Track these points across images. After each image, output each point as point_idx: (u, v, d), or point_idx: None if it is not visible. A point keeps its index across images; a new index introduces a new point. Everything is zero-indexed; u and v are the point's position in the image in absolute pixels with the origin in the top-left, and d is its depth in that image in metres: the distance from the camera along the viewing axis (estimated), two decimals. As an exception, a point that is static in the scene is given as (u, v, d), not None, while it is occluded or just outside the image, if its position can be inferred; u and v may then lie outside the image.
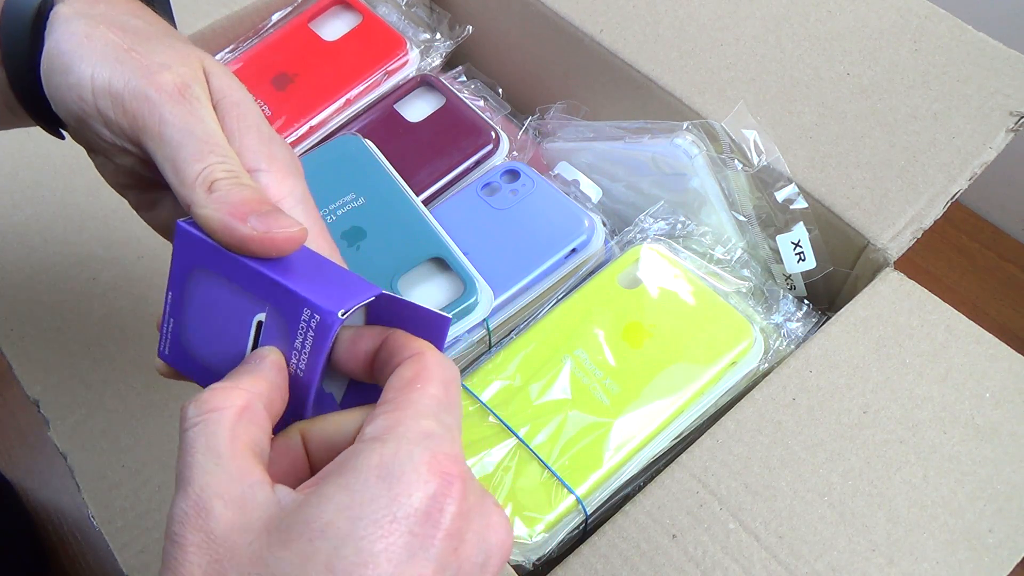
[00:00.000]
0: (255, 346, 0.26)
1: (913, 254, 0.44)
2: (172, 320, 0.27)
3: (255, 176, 0.26)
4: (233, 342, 0.26)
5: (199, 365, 0.27)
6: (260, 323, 0.25)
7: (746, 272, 0.46)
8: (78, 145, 0.30)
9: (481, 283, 0.43)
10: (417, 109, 0.54)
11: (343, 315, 0.24)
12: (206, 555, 0.20)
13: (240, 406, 0.23)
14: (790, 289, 0.48)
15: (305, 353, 0.25)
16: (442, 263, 0.44)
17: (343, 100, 0.54)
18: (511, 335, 0.44)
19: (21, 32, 0.28)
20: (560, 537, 0.38)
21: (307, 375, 0.25)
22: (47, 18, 0.27)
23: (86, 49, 0.26)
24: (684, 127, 0.47)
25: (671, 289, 0.44)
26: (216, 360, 0.27)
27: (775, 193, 0.46)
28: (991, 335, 0.41)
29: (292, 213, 0.26)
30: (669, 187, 0.49)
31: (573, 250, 0.45)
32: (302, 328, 0.24)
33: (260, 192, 0.26)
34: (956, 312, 0.41)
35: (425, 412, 0.23)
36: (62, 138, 0.32)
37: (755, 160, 0.46)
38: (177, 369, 0.28)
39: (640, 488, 0.38)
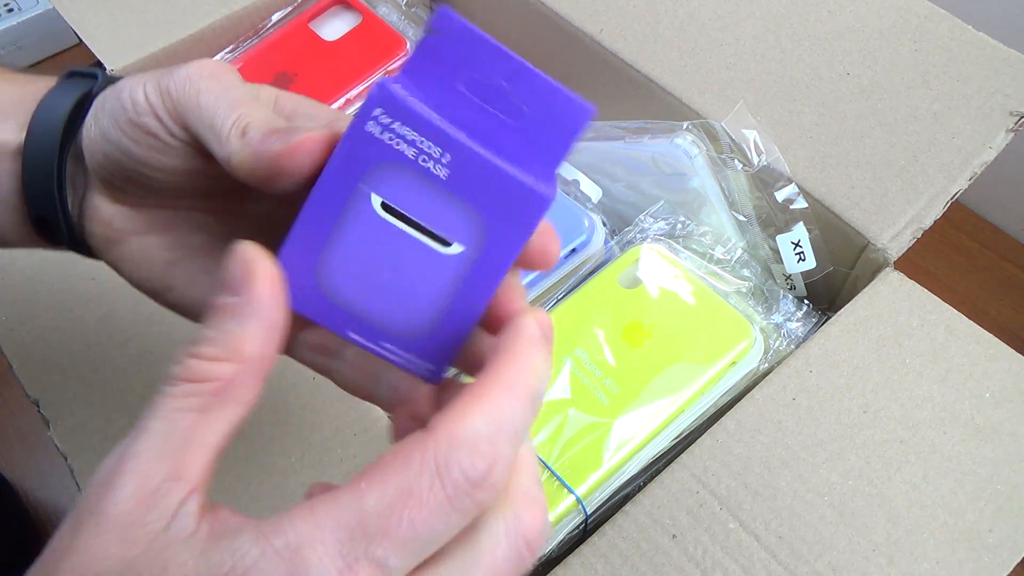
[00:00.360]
0: (413, 225, 0.22)
1: (913, 254, 0.44)
2: (356, 336, 0.23)
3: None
4: (391, 252, 0.22)
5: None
6: (384, 204, 0.21)
7: (746, 272, 0.46)
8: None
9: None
10: (417, 109, 0.54)
11: (392, 86, 0.20)
12: (86, 535, 0.17)
13: (222, 382, 0.19)
14: (790, 289, 0.48)
15: (425, 145, 0.21)
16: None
17: (343, 100, 0.54)
18: (511, 335, 0.44)
19: (51, 136, 0.27)
20: (560, 537, 0.38)
21: (456, 155, 0.21)
22: (90, 105, 0.27)
23: (137, 76, 0.26)
24: (684, 127, 0.47)
25: (671, 289, 0.44)
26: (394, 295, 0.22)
27: (775, 193, 0.46)
28: (991, 335, 0.41)
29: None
30: (669, 187, 0.49)
31: (573, 250, 0.45)
32: (392, 138, 0.21)
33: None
34: (956, 312, 0.41)
35: (334, 536, 0.17)
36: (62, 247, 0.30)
37: (755, 160, 0.46)
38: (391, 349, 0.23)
39: (640, 488, 0.38)
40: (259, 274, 0.20)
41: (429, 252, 0.22)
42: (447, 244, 0.22)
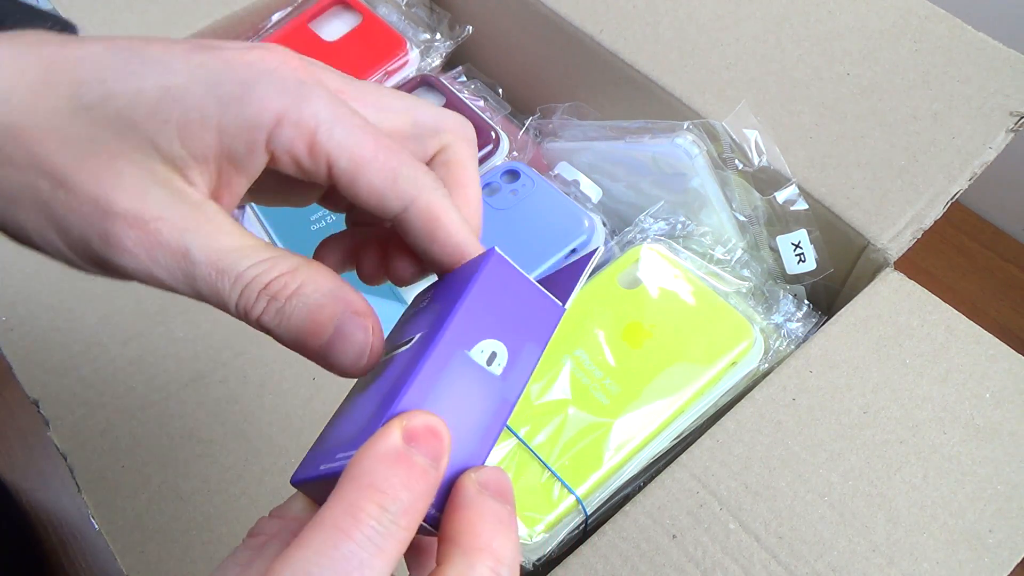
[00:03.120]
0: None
1: (913, 254, 0.44)
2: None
3: None
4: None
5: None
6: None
7: (746, 272, 0.46)
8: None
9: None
10: (417, 109, 0.54)
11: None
12: None
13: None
14: (792, 294, 0.48)
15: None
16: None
17: (343, 100, 0.54)
18: (511, 335, 0.44)
19: None
20: (560, 537, 0.38)
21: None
22: None
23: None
24: (684, 127, 0.47)
25: (671, 289, 0.44)
26: None
27: (775, 194, 0.46)
28: (991, 335, 0.41)
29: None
30: (669, 187, 0.49)
31: (573, 250, 0.45)
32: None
33: None
34: (956, 312, 0.41)
35: None
36: None
37: (755, 160, 0.46)
38: None
39: (640, 488, 0.38)
40: None
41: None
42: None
